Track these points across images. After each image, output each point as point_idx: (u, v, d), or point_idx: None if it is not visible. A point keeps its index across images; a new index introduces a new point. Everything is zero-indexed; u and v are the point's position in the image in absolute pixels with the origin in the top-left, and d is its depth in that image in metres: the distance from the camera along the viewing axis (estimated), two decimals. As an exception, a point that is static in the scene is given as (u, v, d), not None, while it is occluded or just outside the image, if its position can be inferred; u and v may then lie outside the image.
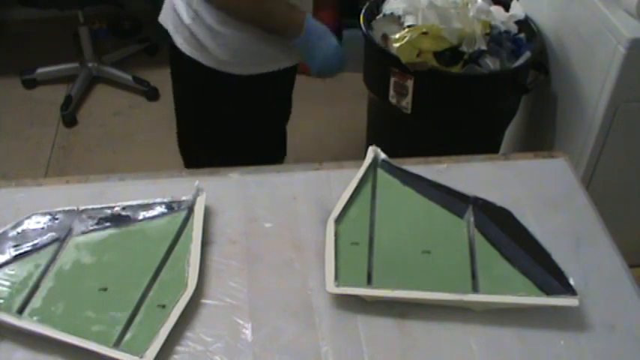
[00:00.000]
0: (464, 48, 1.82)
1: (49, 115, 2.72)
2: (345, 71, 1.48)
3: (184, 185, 1.16)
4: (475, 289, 1.01)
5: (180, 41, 1.45)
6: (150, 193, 1.15)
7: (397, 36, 1.81)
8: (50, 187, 1.20)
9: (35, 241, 1.05)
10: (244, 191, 1.19)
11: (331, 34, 1.42)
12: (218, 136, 1.60)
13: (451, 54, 1.82)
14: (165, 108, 2.74)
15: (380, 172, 1.21)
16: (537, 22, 1.95)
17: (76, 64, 2.84)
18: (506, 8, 1.99)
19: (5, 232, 1.06)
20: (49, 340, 0.92)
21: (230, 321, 0.98)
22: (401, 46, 1.77)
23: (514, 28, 1.94)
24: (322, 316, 0.99)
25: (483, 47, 1.82)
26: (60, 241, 1.06)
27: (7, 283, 0.99)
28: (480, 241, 1.08)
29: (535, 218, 1.14)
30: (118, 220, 1.10)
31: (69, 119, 2.67)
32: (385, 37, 1.86)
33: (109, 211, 1.10)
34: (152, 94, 2.80)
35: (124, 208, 1.11)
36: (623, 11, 1.62)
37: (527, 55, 1.84)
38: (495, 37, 1.86)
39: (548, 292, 0.99)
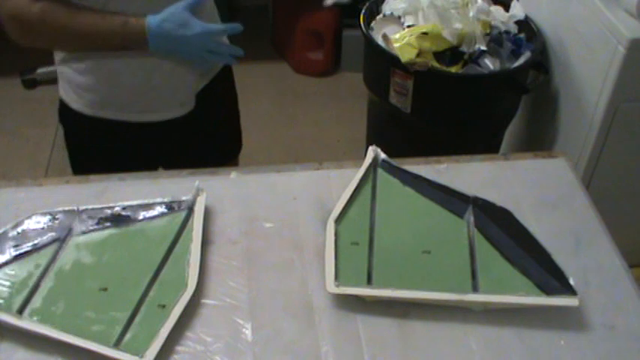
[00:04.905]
0: (464, 48, 1.82)
1: (49, 115, 2.70)
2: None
3: (184, 185, 1.16)
4: (475, 289, 1.01)
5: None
6: (150, 193, 1.15)
7: (397, 36, 1.81)
8: (50, 187, 1.20)
9: (35, 241, 1.05)
10: (244, 191, 1.19)
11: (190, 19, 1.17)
12: None
13: (451, 54, 1.82)
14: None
15: (380, 172, 1.21)
16: (537, 22, 1.94)
17: (76, 64, 2.84)
18: (506, 8, 1.98)
19: (5, 232, 1.06)
20: (49, 340, 0.92)
21: (230, 321, 0.98)
22: (401, 46, 1.77)
23: (514, 28, 1.94)
24: (322, 316, 0.99)
25: (483, 47, 1.82)
26: (60, 241, 1.06)
27: (7, 283, 0.99)
28: (480, 241, 1.08)
29: (535, 218, 1.14)
30: (118, 220, 1.10)
31: (69, 119, 2.67)
32: (385, 37, 1.86)
33: (109, 211, 1.10)
34: (152, 94, 2.79)
35: (124, 208, 1.11)
36: (623, 11, 1.62)
37: (527, 55, 1.85)
38: (495, 37, 1.86)
39: (548, 292, 0.99)
